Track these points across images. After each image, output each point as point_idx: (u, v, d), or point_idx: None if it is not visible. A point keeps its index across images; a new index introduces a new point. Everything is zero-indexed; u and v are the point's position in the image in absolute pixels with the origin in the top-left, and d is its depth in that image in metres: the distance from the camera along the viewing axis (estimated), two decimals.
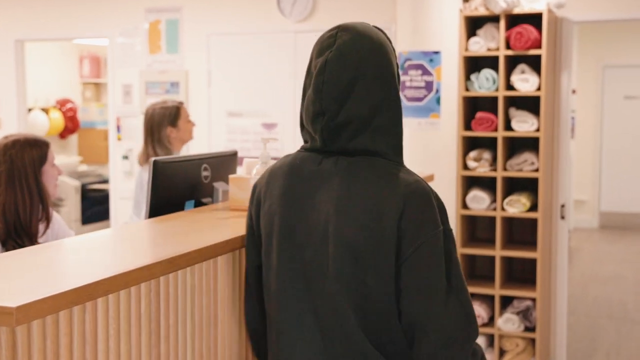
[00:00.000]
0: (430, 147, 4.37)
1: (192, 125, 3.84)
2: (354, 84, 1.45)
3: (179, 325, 1.55)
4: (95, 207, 7.09)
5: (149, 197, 1.94)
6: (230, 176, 2.02)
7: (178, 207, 2.08)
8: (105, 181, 7.11)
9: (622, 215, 9.68)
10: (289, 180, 1.51)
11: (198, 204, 2.20)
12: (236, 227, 1.76)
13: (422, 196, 1.43)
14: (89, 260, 1.54)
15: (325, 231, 1.45)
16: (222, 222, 1.89)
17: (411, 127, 4.24)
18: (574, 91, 9.13)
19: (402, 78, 4.29)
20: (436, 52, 4.23)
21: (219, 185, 2.19)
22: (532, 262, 4.38)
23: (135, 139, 5.52)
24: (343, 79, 1.45)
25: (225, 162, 2.33)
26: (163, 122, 3.71)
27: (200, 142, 5.29)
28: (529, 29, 4.15)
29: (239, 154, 5.60)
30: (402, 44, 4.30)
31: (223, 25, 5.39)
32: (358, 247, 1.42)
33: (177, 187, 2.09)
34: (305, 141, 1.55)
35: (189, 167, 2.15)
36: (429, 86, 4.22)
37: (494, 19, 4.31)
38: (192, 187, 2.15)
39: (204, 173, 2.20)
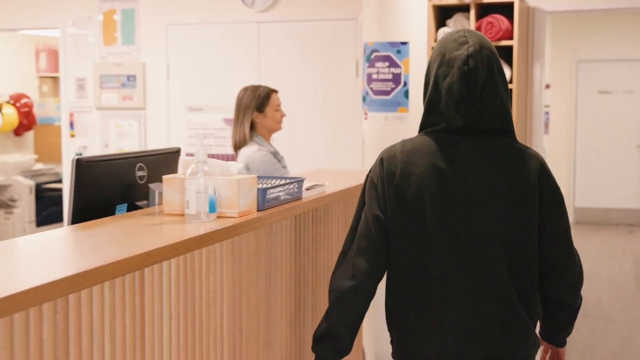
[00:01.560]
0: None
1: (281, 115, 3.67)
2: (488, 75, 1.80)
3: (94, 353, 1.34)
4: (51, 207, 6.81)
5: (71, 200, 1.73)
6: (164, 177, 1.81)
7: (107, 211, 1.87)
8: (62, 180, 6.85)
9: (597, 211, 9.62)
10: (431, 161, 1.80)
11: (132, 207, 1.99)
12: (166, 234, 1.56)
13: (545, 164, 1.86)
14: None
15: (477, 200, 1.78)
16: (149, 230, 1.69)
17: (378, 121, 4.06)
18: (548, 86, 9.04)
19: (368, 70, 4.10)
20: (404, 43, 4.05)
21: (155, 187, 1.98)
22: None
23: (90, 135, 5.28)
24: (482, 70, 1.79)
25: (165, 161, 2.12)
26: (250, 106, 3.55)
27: (158, 138, 5.07)
28: (500, 19, 3.99)
29: None
30: (369, 35, 4.11)
31: (182, 15, 5.16)
32: (509, 209, 1.78)
33: (106, 189, 1.88)
34: (434, 124, 1.84)
35: (121, 167, 1.94)
36: (396, 79, 4.04)
37: (464, 8, 4.15)
38: (125, 189, 1.95)
39: (139, 173, 2.00)
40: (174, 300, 1.66)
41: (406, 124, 4.06)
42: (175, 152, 2.19)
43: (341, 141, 4.69)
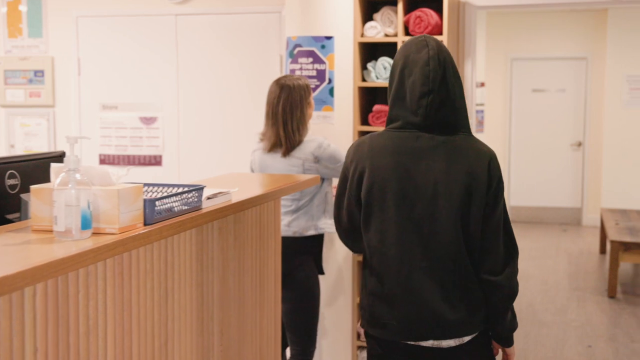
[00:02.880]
0: None
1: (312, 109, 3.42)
2: (444, 75, 2.08)
3: None
4: None
5: None
6: (32, 187, 1.57)
7: None
8: None
9: (531, 210, 9.69)
10: (395, 157, 2.09)
11: (2, 221, 1.74)
12: (26, 255, 1.33)
13: (496, 159, 2.12)
14: None
15: (435, 190, 2.06)
16: (8, 251, 1.45)
17: None
18: (482, 84, 9.04)
19: (291, 66, 3.91)
20: (329, 38, 3.87)
21: (28, 198, 1.74)
22: None
23: None
24: (440, 70, 2.08)
25: (45, 167, 1.87)
26: (305, 97, 3.30)
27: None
28: (429, 13, 3.85)
29: (114, 152, 5.13)
30: (291, 29, 3.92)
31: (94, 6, 4.86)
32: (462, 198, 2.05)
33: None
34: (397, 120, 2.13)
35: None
36: (321, 75, 3.86)
37: (391, 1, 4.00)
38: None
39: (10, 181, 1.75)
40: (39, 332, 1.44)
41: (331, 123, 3.88)
42: (57, 157, 1.95)
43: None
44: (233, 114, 4.66)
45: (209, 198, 1.95)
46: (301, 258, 3.32)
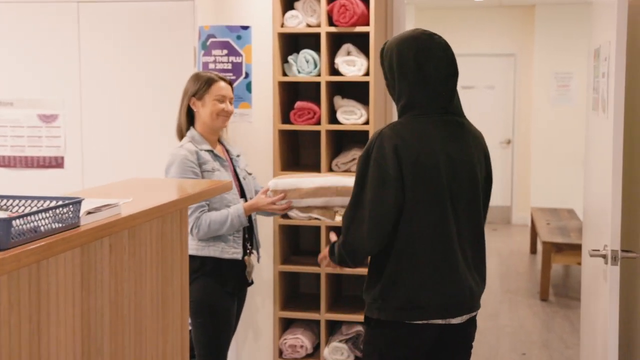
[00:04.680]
0: (241, 143, 3.74)
1: (225, 110, 3.04)
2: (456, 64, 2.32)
3: None
4: None
5: None
6: None
7: None
8: None
9: None
10: (437, 142, 2.21)
11: None
12: None
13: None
14: None
15: (470, 171, 2.26)
16: None
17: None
18: None
19: (204, 59, 3.60)
20: (245, 28, 3.58)
21: None
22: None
23: None
24: (455, 58, 2.31)
25: None
26: (188, 91, 3.07)
27: None
28: (354, 2, 3.62)
29: (10, 153, 4.71)
30: (204, 17, 3.62)
31: None
32: (483, 176, 2.34)
33: None
34: (415, 107, 2.24)
35: None
36: (237, 69, 3.57)
37: None
38: None
39: None
40: None
41: (249, 121, 3.60)
42: None
43: (177, 142, 4.16)
44: (144, 111, 4.31)
45: (89, 213, 1.64)
46: (194, 274, 3.02)
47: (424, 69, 2.21)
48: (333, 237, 2.54)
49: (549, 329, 5.21)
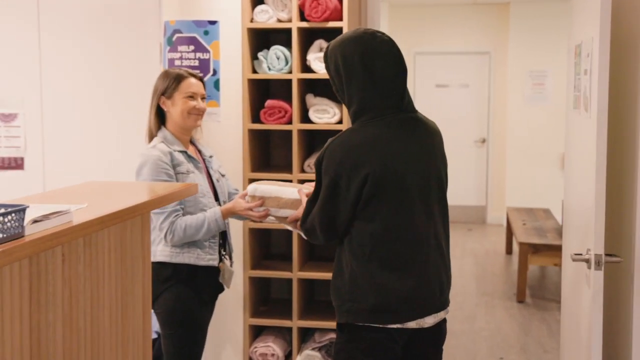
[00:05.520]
0: (209, 143, 3.60)
1: (196, 107, 2.90)
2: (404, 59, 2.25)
3: None
4: None
5: None
6: None
7: None
8: None
9: None
10: (393, 144, 2.17)
11: None
12: None
13: None
14: None
15: (432, 167, 2.24)
16: None
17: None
18: None
19: (170, 56, 3.46)
20: (212, 23, 3.45)
21: None
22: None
23: None
24: (401, 53, 2.23)
25: None
26: (157, 89, 2.91)
27: None
28: None
29: None
30: (169, 12, 3.48)
31: None
32: (444, 171, 2.31)
33: None
34: (367, 110, 2.18)
35: None
36: (204, 66, 3.44)
37: None
38: None
39: None
40: None
41: (217, 121, 3.47)
42: None
43: (144, 143, 4.01)
44: (109, 110, 4.15)
45: (36, 221, 1.50)
46: (167, 282, 2.87)
47: (371, 69, 2.15)
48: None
49: (526, 333, 5.14)
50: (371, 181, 2.12)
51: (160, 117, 2.93)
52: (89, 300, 1.97)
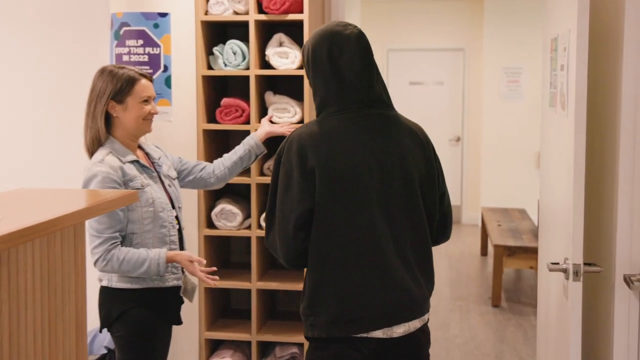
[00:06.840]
0: (160, 144, 3.39)
1: (151, 111, 2.67)
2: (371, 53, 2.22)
3: None
4: None
5: None
6: None
7: None
8: None
9: None
10: (353, 140, 2.12)
11: None
12: None
13: None
14: None
15: (399, 167, 2.14)
16: None
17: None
18: None
19: (117, 51, 3.25)
20: (163, 15, 3.24)
21: None
22: (300, 295, 3.56)
23: None
24: (369, 46, 2.20)
25: None
26: (105, 93, 2.64)
27: None
28: None
29: None
30: (116, 3, 3.26)
31: None
32: (420, 171, 2.20)
33: None
34: (331, 104, 2.15)
35: None
36: (154, 61, 3.22)
37: None
38: None
39: None
40: None
41: (169, 120, 3.26)
42: None
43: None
44: (53, 109, 3.92)
45: None
46: (128, 303, 2.65)
47: (337, 63, 2.13)
48: None
49: (501, 340, 4.98)
50: (322, 174, 2.06)
51: (106, 123, 2.68)
52: (7, 326, 1.76)
